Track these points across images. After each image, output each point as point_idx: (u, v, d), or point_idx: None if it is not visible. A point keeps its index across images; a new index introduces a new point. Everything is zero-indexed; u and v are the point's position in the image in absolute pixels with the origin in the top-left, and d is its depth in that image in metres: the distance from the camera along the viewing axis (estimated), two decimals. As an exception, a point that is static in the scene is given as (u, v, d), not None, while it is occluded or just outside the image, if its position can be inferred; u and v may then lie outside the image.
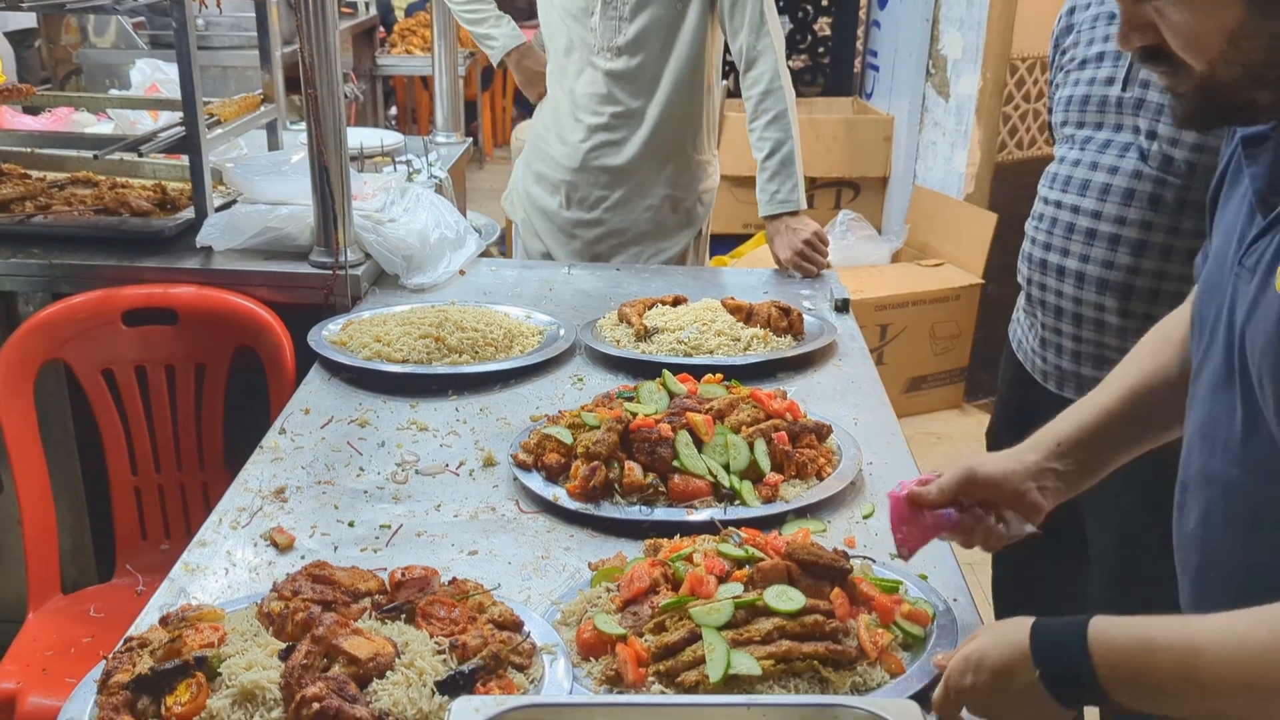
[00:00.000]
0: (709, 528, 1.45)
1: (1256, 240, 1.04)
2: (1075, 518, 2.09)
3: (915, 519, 1.33)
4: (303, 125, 2.21)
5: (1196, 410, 1.15)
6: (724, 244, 4.89)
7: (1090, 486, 1.42)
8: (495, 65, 3.03)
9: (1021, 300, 2.12)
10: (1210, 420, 1.11)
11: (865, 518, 1.59)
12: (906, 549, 1.35)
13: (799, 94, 5.91)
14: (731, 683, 1.15)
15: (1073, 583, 2.14)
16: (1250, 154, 1.08)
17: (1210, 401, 1.11)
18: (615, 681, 1.19)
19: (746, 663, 1.16)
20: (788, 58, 5.74)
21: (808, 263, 2.58)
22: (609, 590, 1.30)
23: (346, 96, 3.69)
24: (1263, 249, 1.03)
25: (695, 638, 1.20)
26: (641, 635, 1.22)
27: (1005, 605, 2.43)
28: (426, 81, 7.43)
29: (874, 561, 1.43)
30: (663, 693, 1.15)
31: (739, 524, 1.46)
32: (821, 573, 1.30)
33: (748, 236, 4.88)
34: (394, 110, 7.85)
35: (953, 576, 1.43)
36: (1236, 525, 1.09)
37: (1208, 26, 0.97)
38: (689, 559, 1.30)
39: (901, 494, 1.34)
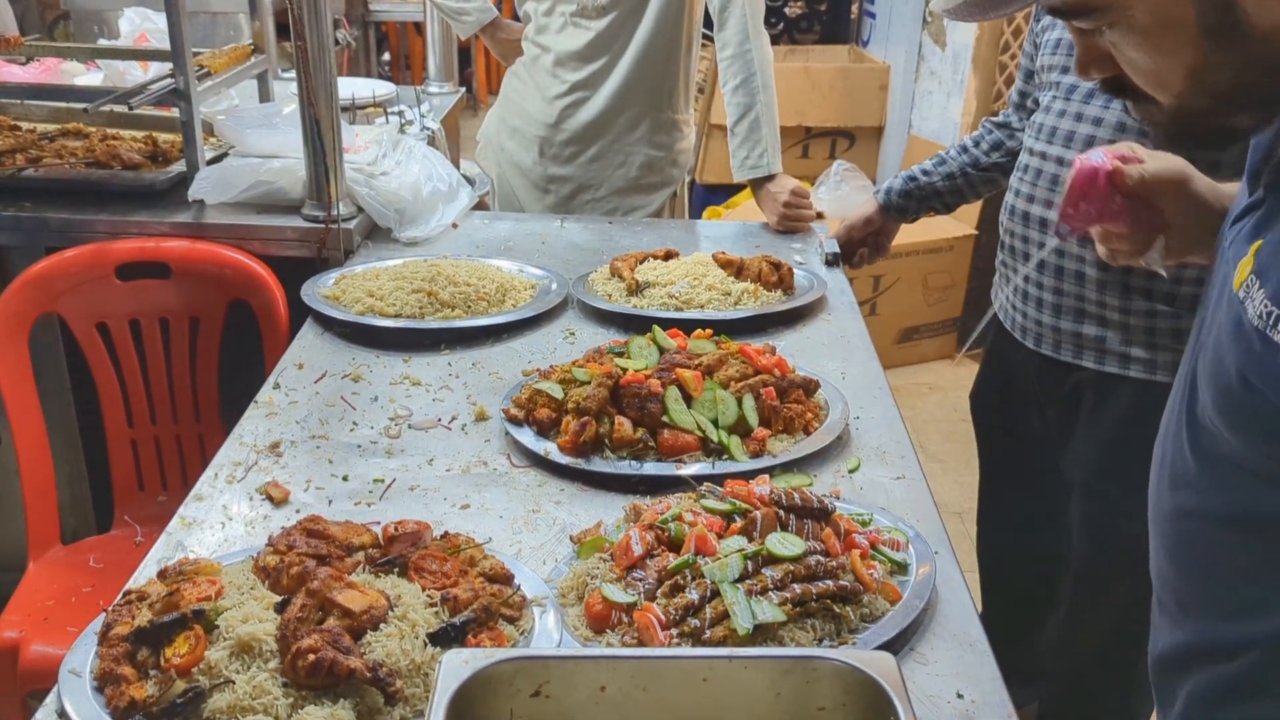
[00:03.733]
0: (687, 485, 1.48)
1: (1239, 219, 1.00)
2: (1052, 457, 2.13)
3: (1102, 199, 1.17)
4: (294, 73, 2.20)
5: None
6: (718, 194, 4.88)
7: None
8: (463, 38, 2.99)
9: (1000, 255, 2.13)
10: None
11: (851, 471, 1.61)
12: (1069, 227, 1.21)
13: (795, 41, 5.87)
14: (758, 632, 1.18)
15: (1054, 516, 2.18)
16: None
17: (1173, 399, 1.11)
18: None
19: (770, 611, 1.19)
20: (784, 3, 5.68)
21: (793, 221, 2.59)
22: (604, 560, 1.32)
23: (338, 43, 3.66)
24: (1239, 234, 0.99)
25: (711, 595, 1.22)
26: (654, 600, 1.23)
27: (988, 547, 2.48)
28: (420, 27, 7.34)
29: (838, 499, 1.47)
30: None
31: (726, 478, 1.49)
32: (807, 514, 1.34)
33: (741, 188, 4.87)
34: (387, 56, 7.77)
35: (936, 531, 1.45)
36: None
37: (1169, 64, 0.93)
38: (680, 518, 1.32)
39: (1105, 167, 1.16)
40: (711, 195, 4.93)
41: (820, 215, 2.63)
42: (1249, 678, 1.03)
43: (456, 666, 0.95)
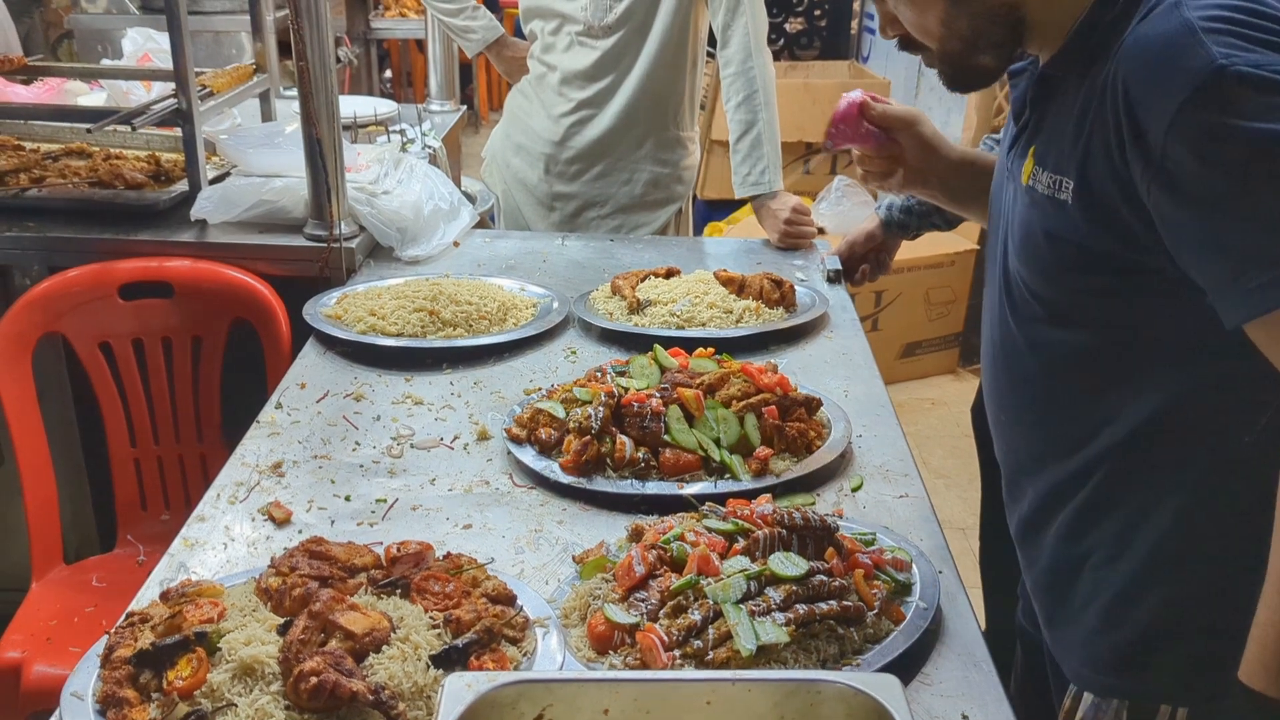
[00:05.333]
0: (689, 505, 1.48)
1: (1010, 149, 1.35)
2: None
3: (854, 123, 1.58)
4: (296, 91, 2.21)
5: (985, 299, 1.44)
6: (719, 210, 4.89)
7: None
8: (470, 56, 3.00)
9: None
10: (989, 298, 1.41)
11: (854, 490, 1.61)
12: (831, 141, 1.62)
13: (795, 57, 5.88)
14: (761, 653, 1.17)
15: None
16: (1013, 82, 1.34)
17: (989, 292, 1.42)
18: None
19: (773, 632, 1.19)
20: (784, 19, 5.70)
21: (795, 238, 2.59)
22: (606, 581, 1.32)
23: (340, 61, 3.67)
24: (1014, 155, 1.32)
25: (714, 616, 1.22)
26: (656, 621, 1.23)
27: (991, 563, 2.47)
28: (421, 44, 7.37)
29: (841, 518, 1.48)
30: None
31: (729, 497, 1.49)
32: (810, 534, 1.34)
33: (743, 203, 4.88)
34: (388, 74, 7.80)
35: (939, 550, 1.45)
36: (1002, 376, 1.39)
37: (926, 17, 1.26)
38: (682, 538, 1.32)
39: (857, 99, 1.58)
40: (712, 211, 4.94)
41: (822, 231, 2.64)
42: (1096, 499, 1.28)
43: (459, 690, 0.95)
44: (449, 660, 1.17)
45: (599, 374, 1.78)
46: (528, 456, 1.64)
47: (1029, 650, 1.60)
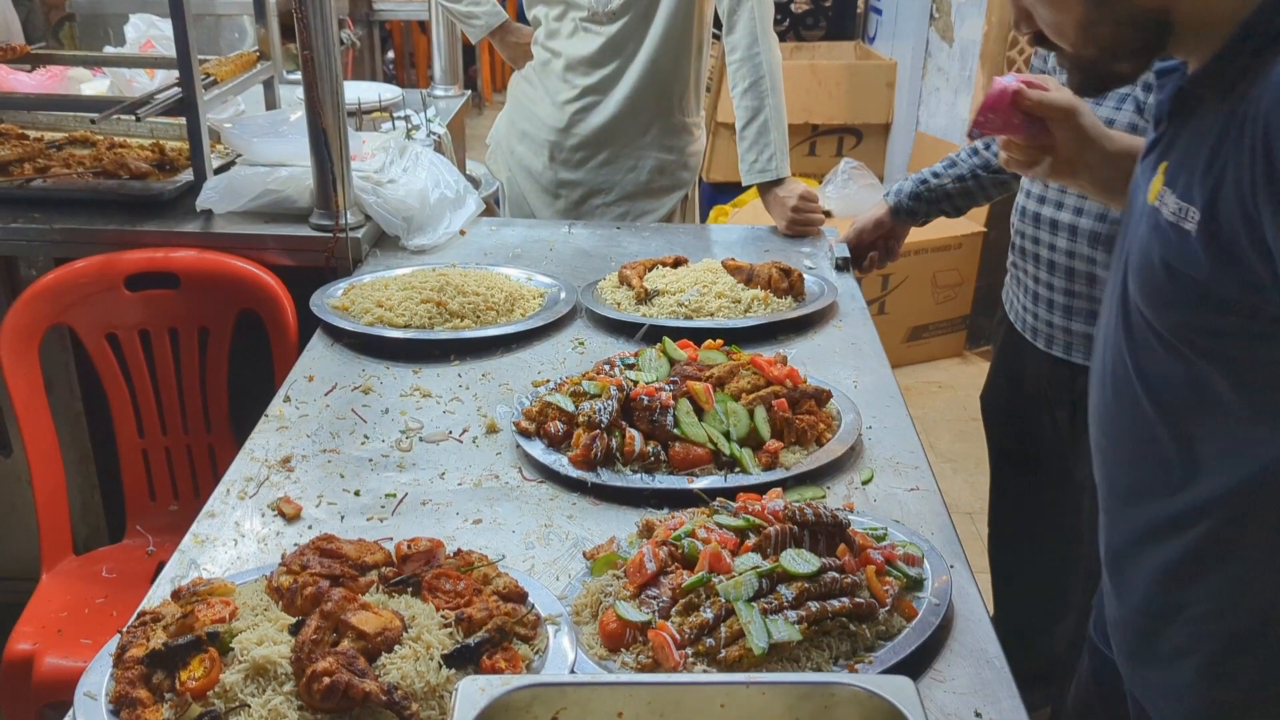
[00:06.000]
0: (700, 500, 1.48)
1: (1145, 156, 1.25)
2: (1063, 459, 2.12)
3: (1006, 113, 1.44)
4: (299, 75, 2.19)
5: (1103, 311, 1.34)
6: (724, 193, 4.87)
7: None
8: (475, 42, 2.98)
9: (1011, 256, 2.12)
10: (1106, 317, 1.32)
11: (864, 483, 1.61)
12: (979, 130, 1.47)
13: (801, 38, 5.84)
14: (773, 651, 1.17)
15: (1066, 517, 2.18)
16: (1160, 83, 1.25)
17: (1106, 306, 1.32)
18: (653, 670, 1.19)
19: (786, 630, 1.19)
20: (790, 0, 5.65)
21: (803, 225, 2.58)
22: (617, 577, 1.32)
23: (343, 43, 3.64)
24: (1147, 165, 1.22)
25: (726, 614, 1.22)
26: (668, 618, 1.23)
27: (1000, 549, 2.47)
28: (424, 25, 7.33)
29: (851, 512, 1.47)
30: (705, 672, 1.16)
31: (739, 491, 1.48)
32: (821, 530, 1.34)
33: (749, 186, 4.86)
34: (391, 55, 7.77)
35: (950, 544, 1.45)
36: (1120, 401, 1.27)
37: (1062, 19, 1.18)
38: (694, 535, 1.32)
39: (1011, 86, 1.43)
40: (718, 194, 4.92)
41: (828, 214, 2.62)
42: (1200, 549, 1.19)
43: (473, 694, 0.95)
44: (461, 660, 1.17)
45: (607, 366, 1.78)
46: (537, 450, 1.64)
47: (1101, 666, 1.51)
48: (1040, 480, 2.27)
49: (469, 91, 3.70)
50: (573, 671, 1.19)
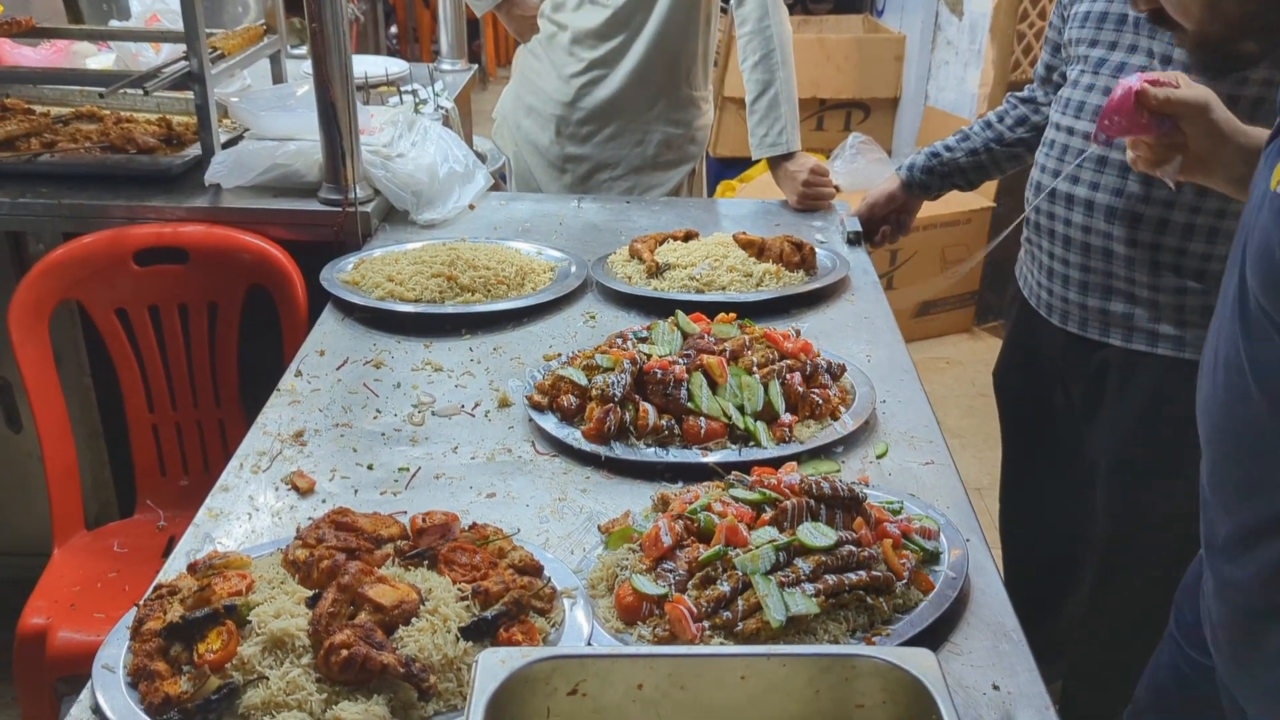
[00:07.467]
0: (714, 474, 1.47)
1: (1270, 141, 1.18)
2: (1076, 434, 2.12)
3: (1130, 114, 1.39)
4: (304, 49, 2.17)
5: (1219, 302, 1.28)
6: (732, 168, 4.85)
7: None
8: (479, 14, 2.96)
9: (1026, 231, 2.11)
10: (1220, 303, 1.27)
11: (879, 457, 1.60)
12: (1105, 134, 1.45)
13: (809, 11, 5.79)
14: (790, 624, 1.17)
15: (1077, 493, 2.18)
16: None
17: (1223, 296, 1.26)
18: (669, 643, 1.18)
19: (803, 603, 1.18)
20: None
21: (813, 199, 2.56)
22: (633, 551, 1.31)
23: (347, 17, 3.62)
24: (1271, 152, 1.16)
25: (743, 587, 1.21)
26: (684, 592, 1.22)
27: (1010, 524, 2.47)
28: (428, 0, 7.29)
29: (867, 485, 1.46)
30: (721, 644, 1.16)
31: (753, 465, 1.48)
32: (838, 504, 1.33)
33: (757, 160, 4.83)
34: (394, 29, 7.72)
35: (966, 518, 1.44)
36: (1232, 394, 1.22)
37: None
38: (709, 508, 1.31)
39: (1134, 86, 1.38)
40: (725, 169, 4.89)
41: (837, 189, 2.61)
42: None
43: (493, 666, 0.94)
44: (478, 632, 1.17)
45: (620, 340, 1.77)
46: (550, 424, 1.64)
47: (1184, 663, 1.50)
48: (1052, 456, 2.27)
49: (475, 66, 3.68)
50: (589, 644, 1.19)
